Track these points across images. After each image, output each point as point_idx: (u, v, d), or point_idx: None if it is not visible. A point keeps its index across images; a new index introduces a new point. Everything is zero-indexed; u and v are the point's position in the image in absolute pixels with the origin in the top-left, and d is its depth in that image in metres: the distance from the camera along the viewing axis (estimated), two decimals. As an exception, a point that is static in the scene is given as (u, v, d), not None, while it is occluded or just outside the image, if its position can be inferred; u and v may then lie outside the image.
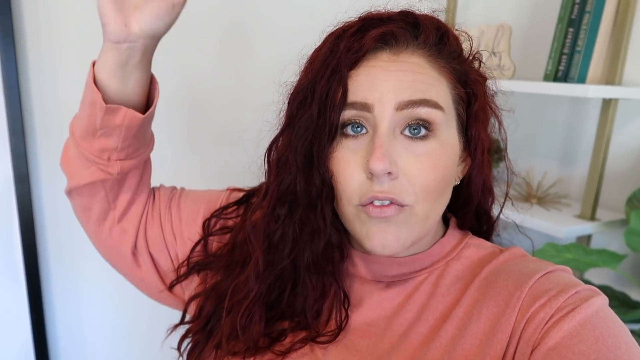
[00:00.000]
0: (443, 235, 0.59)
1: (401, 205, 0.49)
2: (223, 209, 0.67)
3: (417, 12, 0.54)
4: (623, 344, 0.44)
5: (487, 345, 0.48)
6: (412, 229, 0.50)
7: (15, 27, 0.99)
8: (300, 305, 0.56)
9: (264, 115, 0.59)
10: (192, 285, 0.66)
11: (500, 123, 0.58)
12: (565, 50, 1.14)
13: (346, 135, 0.51)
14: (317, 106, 0.50)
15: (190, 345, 0.61)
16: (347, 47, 0.50)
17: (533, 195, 1.30)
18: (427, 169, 0.49)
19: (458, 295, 0.54)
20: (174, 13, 0.56)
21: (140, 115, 0.59)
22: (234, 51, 1.24)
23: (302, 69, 0.55)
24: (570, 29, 1.12)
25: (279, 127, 0.55)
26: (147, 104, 0.63)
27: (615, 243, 1.21)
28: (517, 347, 0.47)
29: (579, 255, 0.98)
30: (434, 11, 0.55)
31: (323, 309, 0.57)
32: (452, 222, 0.60)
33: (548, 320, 0.46)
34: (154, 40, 0.57)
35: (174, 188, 0.73)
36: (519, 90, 1.20)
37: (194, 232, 0.67)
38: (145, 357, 1.24)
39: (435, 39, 0.52)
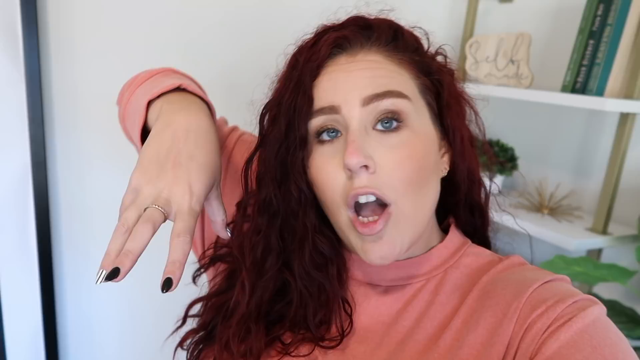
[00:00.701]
0: (442, 240, 0.58)
1: (385, 204, 0.49)
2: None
3: (368, 16, 0.55)
4: (620, 354, 0.43)
5: (484, 356, 0.48)
6: (403, 230, 0.51)
7: (39, 19, 1.01)
8: (302, 314, 0.56)
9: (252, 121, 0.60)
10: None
11: (476, 113, 0.59)
12: (585, 62, 1.13)
13: (322, 142, 0.52)
14: (285, 119, 0.52)
15: (191, 346, 0.61)
16: (306, 59, 0.52)
17: (545, 206, 1.29)
18: (403, 159, 0.49)
19: (456, 305, 0.53)
20: None
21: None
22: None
23: (271, 88, 0.57)
24: (591, 41, 1.11)
25: (254, 146, 0.57)
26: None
27: (626, 258, 1.20)
28: (514, 358, 0.46)
29: (588, 269, 0.98)
30: (381, 11, 0.56)
31: (330, 317, 0.56)
32: (453, 226, 0.60)
33: (545, 330, 0.45)
34: None
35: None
36: (536, 100, 1.19)
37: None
38: (150, 343, 1.26)
39: (389, 36, 0.53)
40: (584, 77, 1.13)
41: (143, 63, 1.15)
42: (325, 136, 0.52)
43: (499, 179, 1.41)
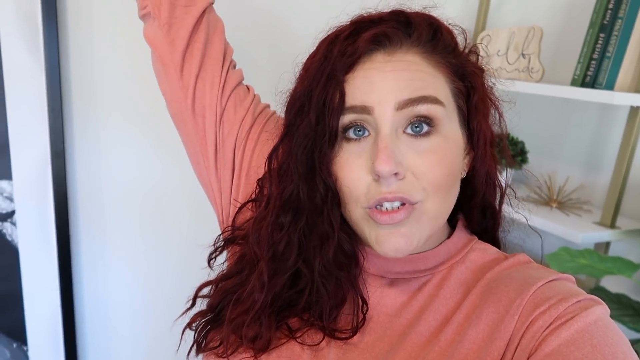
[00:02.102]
0: (449, 236, 0.58)
1: (412, 204, 0.49)
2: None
3: (409, 10, 0.53)
4: (620, 354, 0.43)
5: (485, 351, 0.48)
6: (423, 227, 0.50)
7: (58, 12, 1.05)
8: (318, 310, 0.55)
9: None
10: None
11: (500, 115, 0.58)
12: (595, 56, 1.13)
13: (348, 139, 0.51)
14: (316, 113, 0.50)
15: (199, 327, 0.61)
16: (341, 52, 0.50)
17: (553, 200, 1.29)
18: (434, 165, 0.49)
19: (460, 300, 0.53)
20: None
21: None
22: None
23: (298, 76, 0.55)
24: (602, 35, 1.11)
25: (278, 136, 0.56)
26: None
27: (635, 252, 1.20)
28: (514, 354, 0.46)
29: (594, 261, 0.98)
30: (424, 8, 0.55)
31: (341, 312, 0.56)
32: (460, 222, 0.60)
33: (546, 328, 0.45)
34: None
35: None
36: (546, 94, 1.19)
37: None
38: (162, 326, 1.29)
39: (428, 35, 0.52)
40: (594, 71, 1.13)
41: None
42: (352, 134, 0.51)
43: (508, 173, 1.42)
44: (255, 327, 0.54)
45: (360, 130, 0.50)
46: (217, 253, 0.65)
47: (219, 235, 0.66)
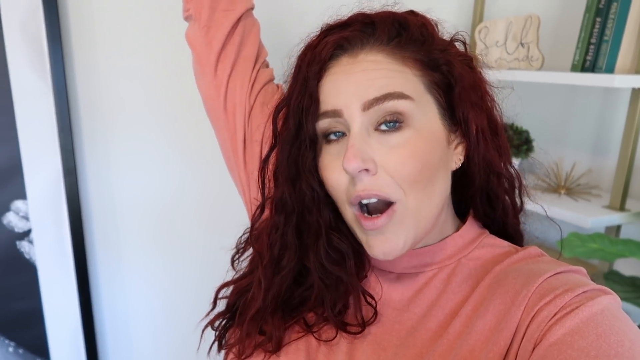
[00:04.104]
0: (457, 230, 0.58)
1: (389, 203, 0.50)
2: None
3: (372, 11, 0.55)
4: (627, 341, 0.42)
5: (492, 341, 0.48)
6: (408, 227, 0.51)
7: (62, 32, 1.07)
8: (323, 303, 0.57)
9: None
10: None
11: (492, 100, 0.58)
12: (593, 40, 1.13)
13: (329, 141, 0.53)
14: (294, 120, 0.54)
15: (219, 326, 0.64)
16: (309, 61, 0.53)
17: (562, 186, 1.29)
18: (405, 159, 0.49)
19: (468, 293, 0.54)
20: None
21: None
22: None
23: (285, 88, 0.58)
24: (598, 19, 1.12)
25: (268, 146, 0.59)
26: None
27: (647, 234, 1.20)
28: (520, 344, 0.46)
29: (605, 245, 0.98)
30: (385, 6, 0.56)
31: (348, 305, 0.57)
32: (470, 217, 0.60)
33: (552, 318, 0.45)
34: None
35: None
36: (547, 81, 1.20)
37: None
38: (182, 342, 1.31)
39: (392, 32, 0.52)
40: (593, 55, 1.13)
41: (162, 70, 1.20)
42: (332, 136, 0.53)
43: (515, 162, 1.42)
44: (263, 326, 0.57)
45: (338, 132, 0.53)
46: (239, 254, 0.67)
47: (241, 236, 0.68)
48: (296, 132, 0.53)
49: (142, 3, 1.14)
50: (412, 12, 0.57)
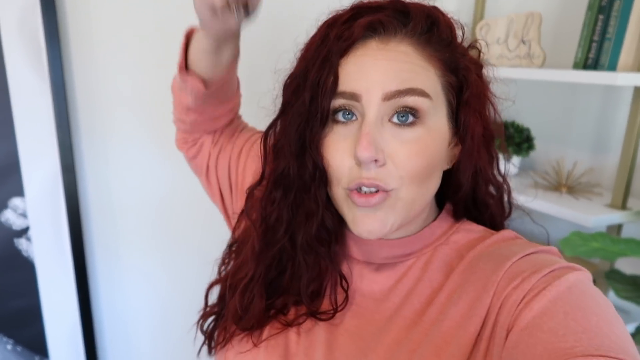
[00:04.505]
0: (435, 220, 0.59)
1: (386, 191, 0.50)
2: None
3: (408, 0, 0.54)
4: (594, 316, 0.42)
5: (463, 327, 0.49)
6: (397, 213, 0.52)
7: (60, 28, 1.07)
8: (297, 285, 0.58)
9: (259, 102, 0.61)
10: None
11: (495, 110, 0.58)
12: (595, 38, 1.12)
13: (337, 122, 0.52)
14: (310, 93, 0.52)
15: (210, 326, 0.65)
16: (337, 36, 0.51)
17: (563, 185, 1.29)
18: (413, 154, 0.50)
19: (442, 280, 0.54)
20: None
21: (203, 89, 0.67)
22: None
23: (297, 56, 0.56)
24: (600, 16, 1.11)
25: (275, 114, 0.57)
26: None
27: (648, 233, 1.19)
28: (492, 332, 0.47)
29: (606, 244, 0.98)
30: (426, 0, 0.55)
31: (322, 289, 0.59)
32: (447, 207, 0.60)
33: (521, 302, 0.45)
34: (242, 27, 0.62)
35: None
36: (549, 79, 1.19)
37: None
38: (181, 339, 1.31)
39: (424, 27, 0.52)
40: (595, 53, 1.12)
41: (161, 68, 1.19)
42: (341, 117, 0.52)
43: (515, 160, 1.41)
44: (246, 307, 0.58)
45: (348, 114, 0.52)
46: (227, 261, 0.68)
47: (226, 247, 0.69)
48: (309, 106, 0.52)
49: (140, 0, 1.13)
50: (436, 8, 0.56)
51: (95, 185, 1.19)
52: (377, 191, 0.51)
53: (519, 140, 1.38)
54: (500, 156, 0.60)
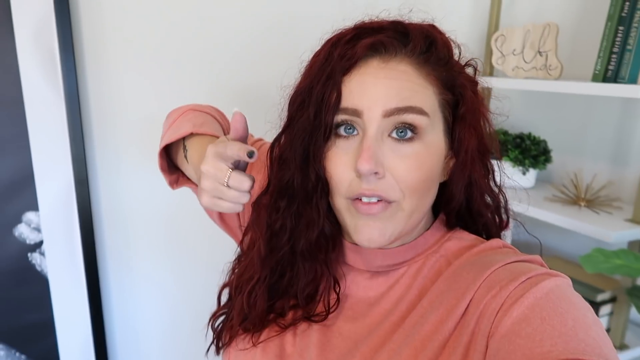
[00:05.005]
0: (429, 229, 0.61)
1: (388, 202, 0.53)
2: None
3: (408, 21, 0.57)
4: (570, 321, 0.44)
5: (439, 332, 0.51)
6: (397, 223, 0.55)
7: (74, 41, 1.06)
8: (295, 288, 0.61)
9: (266, 115, 0.64)
10: None
11: (490, 125, 0.60)
12: (615, 49, 1.10)
13: (339, 136, 0.55)
14: (314, 108, 0.54)
15: (219, 326, 0.67)
16: (341, 55, 0.54)
17: (581, 198, 1.26)
18: (413, 169, 0.53)
19: (428, 286, 0.57)
20: None
21: (194, 186, 0.73)
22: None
23: (302, 72, 0.59)
24: (621, 27, 1.09)
25: (281, 127, 0.60)
26: None
27: (671, 248, 1.16)
28: (473, 340, 0.48)
29: (630, 261, 0.95)
30: (423, 20, 0.58)
31: (318, 292, 0.62)
32: (440, 217, 0.62)
33: (499, 310, 0.47)
34: None
35: None
36: (567, 92, 1.17)
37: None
38: (191, 348, 1.29)
39: (423, 47, 0.54)
40: (615, 65, 1.10)
41: (174, 80, 1.19)
42: (343, 131, 0.55)
43: (532, 173, 1.39)
44: (252, 295, 0.61)
45: (350, 129, 0.55)
46: (236, 269, 0.70)
47: (235, 258, 0.71)
48: (314, 120, 0.55)
49: (154, 13, 1.13)
50: (434, 27, 0.59)
51: (108, 198, 1.18)
52: (379, 200, 0.53)
53: (536, 152, 1.36)
54: (497, 168, 0.63)
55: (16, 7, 0.99)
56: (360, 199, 0.54)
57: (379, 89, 0.52)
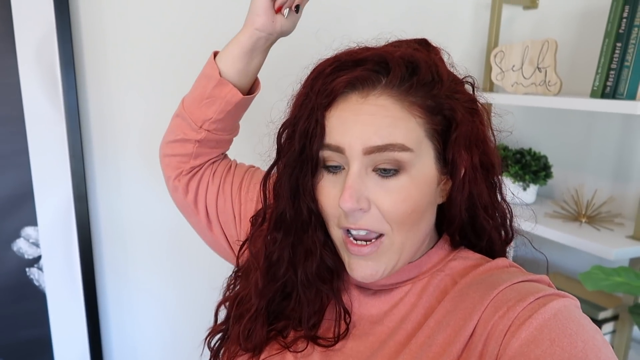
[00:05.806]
0: (432, 247, 0.60)
1: (378, 235, 0.53)
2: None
3: (396, 39, 0.57)
4: (580, 342, 0.43)
5: (447, 353, 0.50)
6: (390, 259, 0.54)
7: (75, 60, 1.08)
8: (299, 314, 0.61)
9: (255, 148, 0.65)
10: None
11: (492, 142, 0.59)
12: (613, 66, 1.10)
13: (328, 169, 0.55)
14: (300, 142, 0.55)
15: (216, 344, 0.67)
16: (320, 90, 0.54)
17: (582, 214, 1.25)
18: (399, 202, 0.52)
19: (434, 306, 0.56)
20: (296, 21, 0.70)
21: (240, 95, 0.69)
22: None
23: (289, 104, 0.59)
24: (618, 44, 1.09)
25: (271, 160, 0.60)
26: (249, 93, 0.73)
27: (673, 265, 1.15)
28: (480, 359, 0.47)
29: (630, 278, 0.94)
30: (391, 37, 0.58)
31: (323, 319, 0.61)
32: (444, 237, 0.62)
33: (507, 331, 0.46)
34: (280, 36, 0.69)
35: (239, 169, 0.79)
36: (566, 107, 1.17)
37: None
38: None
39: (404, 75, 0.52)
40: (613, 81, 1.10)
41: (175, 99, 1.20)
42: (330, 167, 0.55)
43: (533, 189, 1.38)
44: (249, 335, 0.61)
45: (335, 167, 0.55)
46: (232, 287, 0.70)
47: (231, 273, 0.71)
48: (300, 154, 0.55)
49: (155, 31, 1.15)
50: (425, 43, 0.58)
51: (107, 215, 1.18)
52: (369, 240, 0.54)
53: (536, 168, 1.35)
54: (503, 183, 0.61)
55: (18, 25, 1.01)
56: (350, 235, 0.54)
57: (358, 126, 0.52)
